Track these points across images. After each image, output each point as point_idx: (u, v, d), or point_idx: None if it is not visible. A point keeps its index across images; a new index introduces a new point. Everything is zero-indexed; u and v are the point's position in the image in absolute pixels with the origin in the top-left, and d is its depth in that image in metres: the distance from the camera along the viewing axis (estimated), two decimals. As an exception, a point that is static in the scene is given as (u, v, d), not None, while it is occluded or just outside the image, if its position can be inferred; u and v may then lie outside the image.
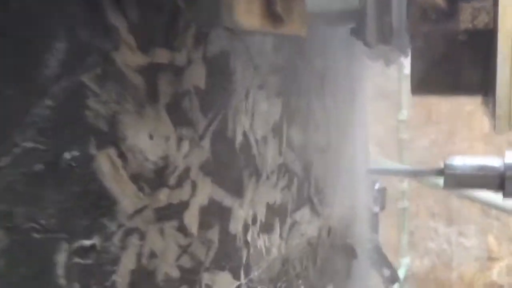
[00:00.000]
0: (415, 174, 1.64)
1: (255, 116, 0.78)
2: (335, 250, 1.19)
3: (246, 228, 0.77)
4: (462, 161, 1.33)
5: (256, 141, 0.79)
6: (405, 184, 3.77)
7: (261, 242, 0.81)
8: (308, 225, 1.00)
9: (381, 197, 2.12)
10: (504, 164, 1.25)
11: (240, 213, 0.75)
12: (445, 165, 1.32)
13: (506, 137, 3.78)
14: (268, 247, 0.83)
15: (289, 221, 0.91)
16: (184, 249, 0.63)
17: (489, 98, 0.94)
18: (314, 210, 1.05)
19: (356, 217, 1.49)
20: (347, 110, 1.36)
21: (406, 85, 3.55)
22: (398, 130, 3.82)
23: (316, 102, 1.04)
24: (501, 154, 1.36)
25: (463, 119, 3.99)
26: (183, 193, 0.63)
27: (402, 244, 3.91)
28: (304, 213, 0.99)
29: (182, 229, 0.63)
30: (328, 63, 1.11)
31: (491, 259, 3.94)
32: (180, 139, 0.62)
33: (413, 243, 4.16)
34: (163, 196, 0.60)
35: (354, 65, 1.46)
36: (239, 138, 0.74)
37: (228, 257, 0.72)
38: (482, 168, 1.28)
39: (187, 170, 0.63)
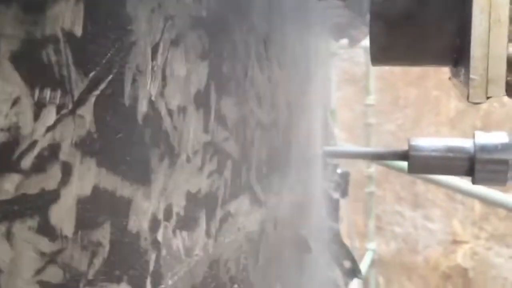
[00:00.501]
0: (376, 157, 1.50)
1: (167, 80, 0.61)
2: (284, 245, 1.04)
3: (155, 225, 0.59)
4: (428, 143, 1.19)
5: (170, 112, 0.61)
6: (372, 168, 3.70)
7: (179, 241, 0.64)
8: (246, 218, 0.84)
9: (344, 182, 1.98)
10: (475, 145, 1.11)
11: (146, 206, 0.58)
12: (410, 147, 1.17)
13: (471, 121, 3.73)
14: (189, 247, 0.66)
15: (219, 213, 0.74)
16: (50, 258, 0.46)
17: (461, 64, 0.79)
18: (256, 200, 0.88)
19: (311, 205, 1.34)
20: (301, 83, 1.19)
21: (374, 69, 3.46)
22: (366, 115, 3.74)
23: (257, 70, 0.87)
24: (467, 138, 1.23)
25: (429, 104, 3.94)
26: (48, 180, 0.45)
27: (369, 228, 3.86)
28: (241, 204, 0.82)
29: (47, 230, 0.45)
30: (273, 24, 0.94)
31: (456, 242, 3.94)
32: (40, 105, 0.44)
33: (379, 227, 4.12)
34: (10, 185, 0.42)
35: (311, 32, 1.29)
36: (142, 108, 0.57)
37: (126, 264, 0.55)
38: (451, 149, 1.14)
39: (53, 147, 0.45)
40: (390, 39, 0.92)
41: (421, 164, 1.16)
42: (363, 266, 3.29)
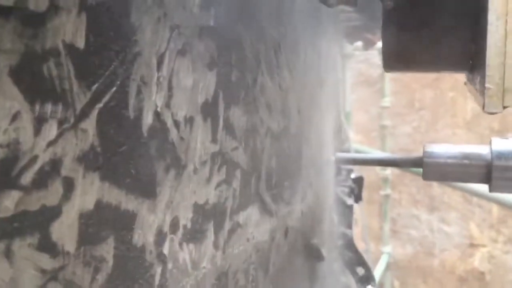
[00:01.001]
0: (391, 164, 1.48)
1: (174, 91, 0.60)
2: (295, 254, 1.02)
3: (161, 238, 0.58)
4: (444, 149, 1.16)
5: (176, 123, 0.60)
6: (388, 171, 3.66)
7: (185, 254, 0.63)
8: (256, 228, 0.82)
9: (358, 187, 1.96)
10: (492, 152, 1.08)
11: (151, 219, 0.57)
12: (425, 154, 1.15)
13: (488, 123, 3.67)
14: (196, 259, 0.65)
15: (228, 224, 0.73)
16: (51, 275, 0.45)
17: (476, 72, 0.77)
18: (265, 209, 0.87)
19: (324, 212, 1.32)
20: (313, 88, 1.17)
21: (389, 71, 3.43)
22: (381, 117, 3.71)
23: (268, 77, 0.85)
24: (483, 141, 1.20)
25: (446, 106, 3.89)
26: (49, 196, 0.44)
27: (384, 231, 3.83)
28: (250, 214, 0.81)
29: (48, 246, 0.44)
30: (284, 29, 0.92)
31: (473, 246, 3.88)
32: (40, 119, 0.43)
33: (395, 230, 4.08)
34: (10, 202, 0.41)
35: (324, 35, 1.27)
36: (147, 119, 0.56)
37: (131, 279, 0.54)
38: (467, 156, 1.12)
39: (54, 163, 0.45)
40: (403, 45, 0.90)
41: (436, 171, 1.13)
42: (379, 270, 3.25)
